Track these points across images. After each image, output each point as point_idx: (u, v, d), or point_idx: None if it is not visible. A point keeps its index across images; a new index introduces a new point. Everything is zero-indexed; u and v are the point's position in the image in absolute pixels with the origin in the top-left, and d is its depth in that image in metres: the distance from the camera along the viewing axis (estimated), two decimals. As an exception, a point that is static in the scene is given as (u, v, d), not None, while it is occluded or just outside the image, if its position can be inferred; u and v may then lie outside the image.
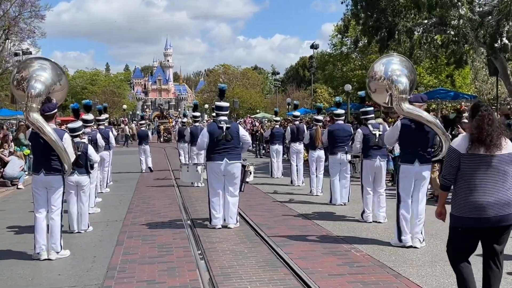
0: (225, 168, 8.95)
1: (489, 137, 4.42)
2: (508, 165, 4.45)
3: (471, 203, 4.42)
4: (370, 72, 8.64)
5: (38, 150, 7.38)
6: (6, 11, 36.43)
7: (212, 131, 9.05)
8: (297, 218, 9.83)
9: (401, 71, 7.99)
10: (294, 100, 17.11)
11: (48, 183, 7.24)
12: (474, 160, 4.45)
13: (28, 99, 6.96)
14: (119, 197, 13.09)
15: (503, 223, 4.40)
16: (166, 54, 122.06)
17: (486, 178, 4.42)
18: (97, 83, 79.28)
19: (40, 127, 6.98)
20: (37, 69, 7.33)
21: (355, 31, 27.07)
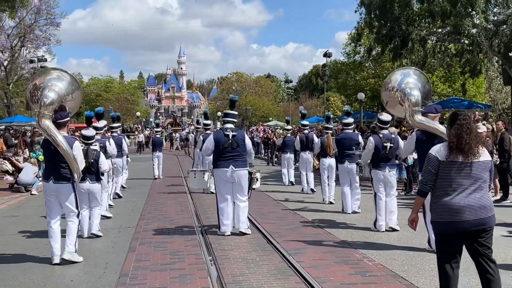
0: (231, 175, 9.03)
1: (467, 145, 4.60)
2: (485, 172, 4.67)
3: (451, 208, 4.59)
4: (384, 84, 8.81)
5: (48, 158, 7.48)
6: (22, 18, 36.87)
7: (218, 138, 9.16)
8: (309, 226, 9.80)
9: (414, 84, 8.15)
10: (302, 110, 17.24)
11: (57, 191, 7.32)
12: (452, 167, 4.63)
13: (40, 107, 7.10)
14: (132, 203, 13.15)
15: (482, 226, 4.59)
16: (180, 61, 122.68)
17: (464, 184, 4.61)
18: (111, 90, 79.85)
19: (51, 134, 7.10)
20: (53, 79, 7.49)
21: (368, 39, 27.05)
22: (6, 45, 39.25)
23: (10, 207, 13.33)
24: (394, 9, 18.23)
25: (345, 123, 11.93)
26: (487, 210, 4.60)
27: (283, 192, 15.38)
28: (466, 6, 17.08)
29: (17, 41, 39.71)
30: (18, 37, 39.53)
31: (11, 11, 21.78)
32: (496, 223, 4.82)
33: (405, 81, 8.26)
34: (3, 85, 39.57)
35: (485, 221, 4.58)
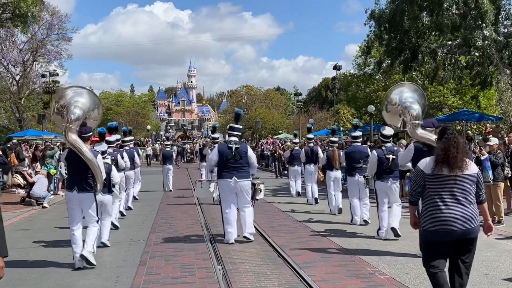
0: (235, 185, 9.47)
1: (453, 159, 4.88)
2: (470, 184, 4.95)
3: (438, 218, 4.89)
4: (386, 97, 9.32)
5: (73, 169, 7.99)
6: (34, 33, 37.28)
7: (222, 151, 9.63)
8: (320, 239, 9.77)
9: (413, 98, 8.61)
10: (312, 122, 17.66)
11: (80, 200, 7.79)
12: (438, 179, 4.94)
13: (67, 122, 7.66)
14: (143, 216, 13.18)
15: (467, 236, 4.89)
16: (190, 75, 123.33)
17: (449, 195, 4.90)
18: (122, 104, 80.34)
19: (78, 147, 7.65)
20: (76, 95, 8.06)
21: (378, 52, 27.06)
22: (18, 60, 39.70)
23: (21, 220, 13.39)
24: (404, 22, 18.25)
25: (353, 136, 12.23)
26: (472, 221, 4.88)
27: (290, 203, 15.66)
28: (476, 19, 17.07)
29: (29, 55, 40.14)
30: (30, 51, 39.96)
31: (23, 26, 22.01)
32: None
33: (405, 96, 8.67)
34: (15, 99, 39.94)
35: (470, 231, 4.87)
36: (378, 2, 20.07)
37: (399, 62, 20.77)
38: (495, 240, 9.52)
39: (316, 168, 15.62)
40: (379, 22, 19.47)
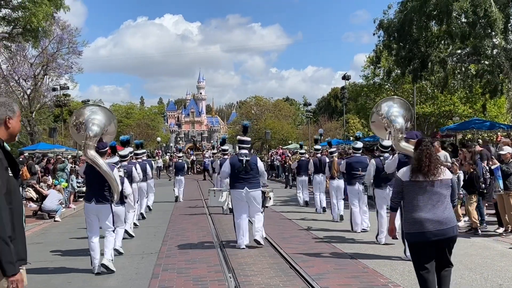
0: (246, 195, 10.08)
1: (426, 167, 5.39)
2: (445, 189, 5.43)
3: (415, 220, 5.37)
4: (372, 111, 9.90)
5: (91, 182, 8.53)
6: (44, 47, 37.65)
7: (233, 163, 10.27)
8: (331, 249, 9.73)
9: (398, 112, 9.18)
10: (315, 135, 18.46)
11: (98, 211, 8.35)
12: (415, 185, 5.44)
13: (86, 139, 8.23)
14: (154, 228, 13.21)
15: (444, 236, 5.31)
16: (199, 87, 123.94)
17: (425, 199, 5.38)
18: (132, 116, 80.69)
19: (96, 162, 8.21)
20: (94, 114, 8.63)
21: (387, 62, 27.04)
22: (29, 74, 40.07)
23: (34, 234, 13.46)
24: (413, 31, 18.25)
25: (354, 147, 13.09)
26: (448, 222, 5.33)
27: (298, 212, 16.06)
28: (485, 27, 17.03)
29: (40, 69, 40.52)
30: (41, 65, 40.34)
31: (34, 41, 22.27)
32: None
33: (390, 110, 9.27)
34: (26, 113, 40.25)
35: (446, 231, 5.31)
36: (386, 12, 20.15)
37: (409, 72, 20.74)
38: (509, 249, 9.45)
39: (324, 178, 16.14)
40: (388, 32, 19.50)
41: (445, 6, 17.01)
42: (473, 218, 11.55)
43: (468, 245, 10.04)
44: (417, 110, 29.99)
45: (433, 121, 33.24)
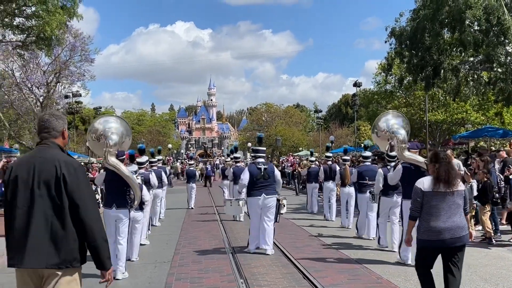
0: (263, 202, 10.48)
1: (449, 178, 5.73)
2: (460, 199, 5.81)
3: (432, 229, 5.69)
4: (374, 125, 10.53)
5: (111, 188, 8.85)
6: (57, 55, 37.97)
7: (252, 171, 10.64)
8: (345, 260, 9.66)
9: (398, 124, 9.84)
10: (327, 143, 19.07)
11: (118, 216, 8.68)
12: (436, 195, 5.74)
13: (107, 147, 8.58)
14: (166, 237, 13.22)
15: (457, 243, 5.71)
16: (210, 93, 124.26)
17: (444, 209, 5.71)
18: (143, 123, 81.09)
19: (118, 167, 8.55)
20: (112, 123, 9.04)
21: (399, 69, 26.96)
22: (42, 82, 40.43)
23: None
24: (425, 39, 18.19)
25: (364, 156, 13.45)
26: (461, 230, 5.71)
27: (308, 219, 16.29)
28: (499, 35, 16.95)
29: (53, 77, 40.84)
30: (53, 73, 40.67)
31: (47, 49, 22.43)
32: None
33: (390, 123, 9.92)
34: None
35: (460, 239, 5.70)
36: (398, 20, 20.10)
37: (421, 79, 20.66)
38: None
39: (334, 185, 16.33)
40: (400, 39, 19.45)
41: (458, 14, 16.96)
42: (487, 228, 11.46)
43: (482, 255, 9.95)
44: (429, 118, 29.84)
45: (445, 129, 33.05)
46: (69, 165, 3.85)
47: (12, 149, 30.72)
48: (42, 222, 3.74)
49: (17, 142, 43.86)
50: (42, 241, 3.72)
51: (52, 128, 4.02)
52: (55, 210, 3.76)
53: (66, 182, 3.77)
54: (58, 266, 3.73)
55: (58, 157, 3.87)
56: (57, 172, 3.78)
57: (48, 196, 3.77)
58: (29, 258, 3.71)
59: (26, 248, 3.71)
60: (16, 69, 40.05)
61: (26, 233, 3.73)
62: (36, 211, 3.75)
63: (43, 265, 3.71)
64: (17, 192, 3.82)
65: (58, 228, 3.75)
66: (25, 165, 3.87)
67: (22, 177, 3.82)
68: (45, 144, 3.98)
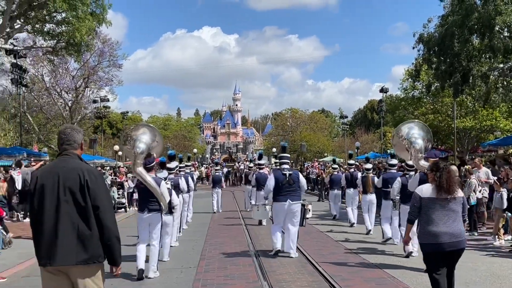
0: (288, 207, 10.78)
1: (448, 186, 6.07)
2: (458, 206, 6.13)
3: (431, 233, 6.03)
4: (394, 133, 10.95)
5: (143, 194, 9.31)
6: (86, 61, 38.61)
7: (277, 177, 10.98)
8: (371, 268, 9.58)
9: (418, 134, 10.08)
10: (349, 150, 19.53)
11: (150, 219, 9.21)
12: (434, 202, 6.10)
13: (135, 157, 9.12)
14: (192, 242, 13.29)
15: (455, 247, 6.02)
16: (235, 98, 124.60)
17: (441, 214, 6.04)
18: (169, 128, 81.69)
19: (143, 178, 9.04)
20: (141, 133, 9.49)
21: (427, 75, 26.66)
22: (71, 86, 41.15)
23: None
24: (454, 45, 17.94)
25: (389, 164, 13.65)
26: (459, 236, 6.02)
27: (331, 225, 16.60)
28: (529, 41, 16.67)
29: (81, 82, 41.52)
30: (82, 78, 41.35)
31: (77, 55, 22.83)
32: None
33: (410, 132, 10.20)
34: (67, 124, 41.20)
35: (457, 244, 6.01)
36: (426, 26, 19.89)
37: (449, 85, 20.41)
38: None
39: (356, 192, 16.77)
40: (428, 45, 19.24)
41: (488, 21, 16.73)
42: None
43: (510, 265, 9.76)
44: (457, 124, 29.40)
45: (474, 136, 32.51)
46: (91, 172, 4.36)
47: (41, 152, 31.22)
48: (69, 224, 4.20)
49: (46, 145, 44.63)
50: (70, 241, 4.18)
51: (74, 140, 4.51)
52: (81, 213, 4.23)
53: (89, 188, 4.24)
54: (86, 262, 4.20)
55: (80, 166, 4.36)
56: (81, 179, 4.25)
57: (73, 201, 4.23)
58: (60, 257, 4.15)
59: (57, 248, 4.15)
60: (46, 74, 40.90)
61: (55, 235, 4.17)
62: (63, 214, 4.20)
63: (73, 262, 4.17)
64: (44, 199, 4.24)
65: (85, 229, 4.22)
66: (50, 174, 4.31)
67: (48, 185, 4.26)
68: (67, 155, 4.45)
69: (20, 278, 9.51)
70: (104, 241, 4.28)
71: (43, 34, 22.05)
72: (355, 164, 19.69)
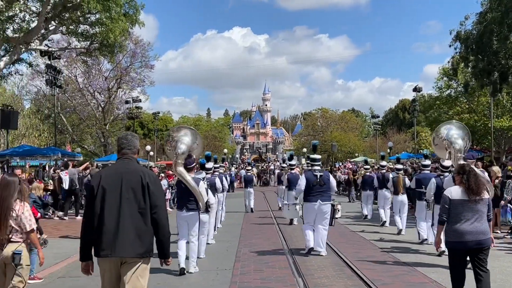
0: (319, 207, 11.06)
1: (476, 188, 6.39)
2: (484, 206, 6.47)
3: (458, 232, 6.37)
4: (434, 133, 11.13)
5: (182, 193, 9.72)
6: (118, 62, 38.99)
7: (308, 178, 11.23)
8: (412, 273, 9.30)
9: (458, 134, 10.22)
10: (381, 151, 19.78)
11: (189, 218, 9.61)
12: (462, 203, 6.42)
13: (176, 157, 9.45)
14: (226, 243, 13.20)
15: (480, 246, 6.38)
16: (264, 98, 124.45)
17: (469, 215, 6.37)
18: (200, 128, 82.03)
19: (183, 177, 9.39)
20: (182, 134, 9.86)
21: (462, 73, 26.08)
22: (103, 87, 41.65)
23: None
24: (492, 43, 17.47)
25: (423, 164, 13.54)
26: (484, 234, 6.37)
27: (363, 225, 16.93)
28: None
29: (114, 83, 41.98)
30: (114, 79, 41.80)
31: (110, 56, 23.02)
32: None
33: (450, 132, 10.34)
34: (100, 125, 41.70)
35: (482, 242, 6.36)
36: (463, 23, 19.47)
37: (487, 84, 19.89)
38: None
39: (388, 192, 16.65)
40: (466, 43, 18.78)
41: (529, 17, 16.23)
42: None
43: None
44: (494, 124, 28.72)
45: (511, 136, 31.72)
46: (150, 175, 4.86)
47: (74, 153, 31.64)
48: (129, 220, 4.66)
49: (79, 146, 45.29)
50: (130, 236, 4.64)
51: (133, 146, 5.02)
52: (140, 211, 4.70)
53: (149, 188, 4.73)
54: (142, 255, 4.70)
55: (141, 169, 4.91)
56: (142, 180, 4.74)
57: (134, 200, 4.70)
58: (120, 249, 4.62)
59: (118, 241, 4.61)
60: (79, 75, 41.47)
61: (117, 229, 4.63)
62: (124, 211, 4.66)
63: (132, 254, 4.65)
64: (107, 196, 4.70)
65: (142, 225, 4.70)
66: (114, 175, 4.81)
67: (112, 184, 4.73)
68: (127, 159, 4.95)
69: (56, 279, 9.53)
70: (159, 237, 4.79)
71: (77, 35, 22.28)
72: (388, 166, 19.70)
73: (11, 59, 20.55)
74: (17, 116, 24.50)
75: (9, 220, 5.66)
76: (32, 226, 5.82)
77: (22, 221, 5.73)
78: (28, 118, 40.64)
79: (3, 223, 5.65)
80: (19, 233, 5.76)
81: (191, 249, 9.63)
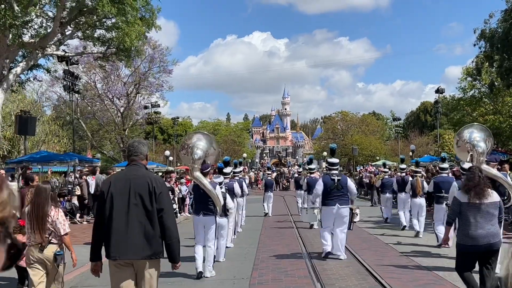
0: (337, 211, 11.02)
1: (479, 191, 6.50)
2: (494, 209, 6.53)
3: (469, 235, 6.45)
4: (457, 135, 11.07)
5: (198, 198, 9.87)
6: (137, 67, 38.94)
7: (326, 182, 11.23)
8: (440, 282, 8.81)
9: (480, 137, 10.08)
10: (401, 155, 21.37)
11: (205, 222, 9.66)
12: (471, 206, 6.51)
13: (192, 162, 9.62)
14: (243, 250, 12.82)
15: (490, 248, 6.45)
16: (284, 102, 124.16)
17: (478, 217, 6.45)
18: (219, 133, 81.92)
19: (200, 181, 9.53)
20: (197, 140, 10.00)
21: (487, 73, 25.37)
22: (122, 92, 41.64)
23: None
24: (519, 41, 16.86)
25: (441, 167, 13.67)
26: (494, 237, 6.44)
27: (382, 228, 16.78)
28: None
29: (133, 88, 41.94)
30: (133, 84, 41.76)
31: (127, 60, 22.84)
32: None
33: (472, 135, 10.18)
34: (119, 130, 41.70)
35: (493, 245, 6.43)
36: (488, 21, 18.81)
37: None
38: None
39: (408, 196, 16.45)
40: (491, 42, 18.16)
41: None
42: None
43: None
44: (519, 125, 27.93)
45: (537, 137, 30.82)
46: (157, 180, 5.09)
47: (93, 159, 31.57)
48: (137, 224, 4.86)
49: (99, 151, 45.37)
50: (138, 239, 4.84)
51: (141, 152, 5.20)
52: (147, 215, 4.88)
53: (156, 193, 4.90)
54: (150, 257, 4.90)
55: (148, 175, 5.12)
56: (149, 186, 4.91)
57: (141, 204, 4.88)
58: (129, 251, 4.84)
59: (127, 244, 4.83)
60: (98, 81, 41.55)
61: (126, 232, 4.83)
62: (132, 216, 4.86)
63: (140, 256, 4.86)
64: (116, 201, 4.89)
65: (150, 229, 4.87)
66: (122, 181, 5.02)
67: (120, 189, 4.93)
68: (135, 165, 5.14)
69: (68, 288, 9.23)
70: (166, 240, 4.94)
71: (94, 40, 22.13)
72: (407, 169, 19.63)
73: (28, 64, 20.44)
74: (35, 122, 24.41)
75: (47, 224, 6.26)
76: (66, 230, 6.42)
77: (57, 225, 6.33)
78: (48, 124, 40.75)
79: (42, 227, 6.24)
80: (57, 236, 6.36)
81: (207, 253, 9.63)
